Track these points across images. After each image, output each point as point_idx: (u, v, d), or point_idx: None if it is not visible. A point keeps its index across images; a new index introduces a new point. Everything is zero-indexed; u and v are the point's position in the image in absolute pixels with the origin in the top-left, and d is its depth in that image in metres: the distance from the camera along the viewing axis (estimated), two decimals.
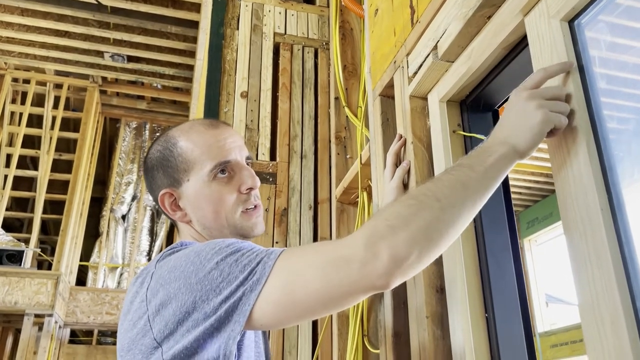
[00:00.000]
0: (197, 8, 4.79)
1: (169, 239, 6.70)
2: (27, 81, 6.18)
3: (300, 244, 1.86)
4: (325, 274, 0.66)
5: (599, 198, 0.67)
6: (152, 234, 6.69)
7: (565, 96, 0.75)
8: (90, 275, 6.23)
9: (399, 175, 1.14)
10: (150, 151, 0.97)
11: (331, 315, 1.72)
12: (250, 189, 0.93)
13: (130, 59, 5.80)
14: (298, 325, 1.80)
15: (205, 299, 0.70)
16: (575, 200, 0.71)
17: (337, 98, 2.02)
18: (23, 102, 6.15)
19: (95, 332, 6.00)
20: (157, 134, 6.96)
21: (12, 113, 6.17)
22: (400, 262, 0.64)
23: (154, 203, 6.68)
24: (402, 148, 1.18)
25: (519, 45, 0.93)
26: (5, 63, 5.98)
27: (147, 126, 7.01)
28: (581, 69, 0.76)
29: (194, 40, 5.12)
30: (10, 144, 6.12)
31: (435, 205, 0.67)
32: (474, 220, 1.03)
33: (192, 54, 5.50)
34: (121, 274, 6.31)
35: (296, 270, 0.68)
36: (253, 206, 0.94)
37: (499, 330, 0.92)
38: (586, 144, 0.71)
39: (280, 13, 2.22)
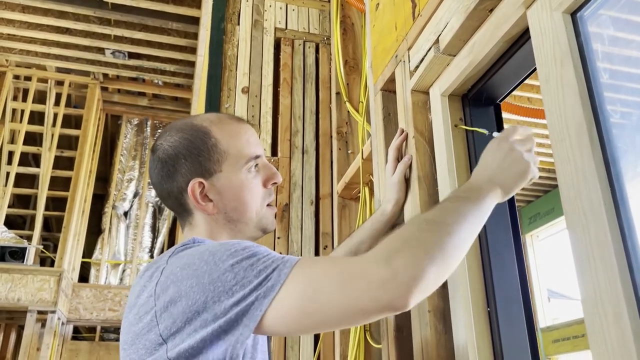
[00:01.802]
0: (197, 4, 4.78)
1: (171, 235, 6.71)
2: (28, 78, 6.18)
3: (302, 240, 1.86)
4: (343, 288, 0.66)
5: (601, 192, 0.67)
6: (154, 231, 6.70)
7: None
8: (92, 272, 6.24)
9: (401, 170, 1.13)
10: (168, 139, 0.91)
11: None
12: (275, 183, 0.95)
13: (131, 55, 5.79)
14: None
15: (216, 300, 0.69)
16: (578, 194, 0.70)
17: (338, 93, 2.01)
18: (25, 99, 6.15)
19: (98, 328, 6.02)
20: (159, 130, 6.97)
21: (14, 110, 6.17)
22: (419, 282, 0.65)
23: (156, 199, 6.76)
24: (404, 142, 1.18)
25: (521, 38, 0.93)
26: (7, 60, 5.98)
27: (149, 123, 7.01)
28: (584, 62, 0.75)
29: (195, 36, 5.12)
30: (12, 141, 6.12)
31: (446, 230, 0.72)
32: None
33: (193, 50, 5.49)
34: (123, 271, 6.32)
35: (312, 281, 0.68)
36: (272, 201, 0.96)
37: (502, 325, 0.92)
38: (589, 138, 0.70)
39: (281, 8, 2.22)
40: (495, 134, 1.05)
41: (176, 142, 0.90)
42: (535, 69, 0.98)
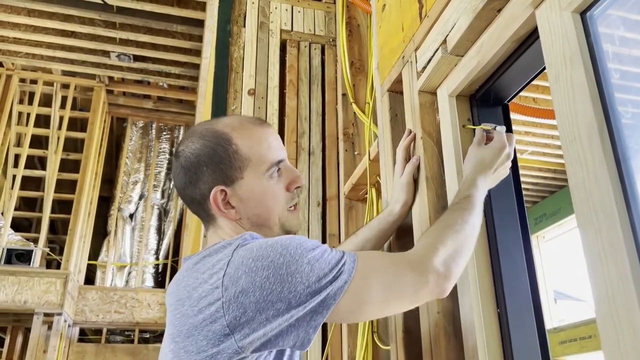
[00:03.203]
0: (202, 7, 4.79)
1: (177, 237, 6.72)
2: (34, 81, 6.21)
3: None
4: (403, 280, 0.80)
5: (613, 192, 0.67)
6: (160, 233, 6.71)
7: None
8: (98, 274, 6.26)
9: (409, 171, 1.13)
10: (190, 146, 0.91)
11: None
12: (298, 187, 0.96)
13: (137, 58, 5.81)
14: None
15: (292, 290, 0.74)
16: (589, 194, 0.70)
17: (344, 94, 2.01)
18: (30, 103, 6.18)
19: (104, 330, 6.03)
20: (164, 133, 6.99)
21: (20, 113, 6.20)
22: (457, 276, 0.85)
23: (161, 202, 6.78)
24: (412, 143, 1.18)
25: (529, 38, 0.92)
26: (13, 64, 6.01)
27: (154, 125, 7.03)
28: (594, 62, 0.75)
29: (200, 39, 5.13)
30: (19, 144, 6.15)
31: (464, 230, 0.88)
32: (485, 215, 1.03)
33: (197, 52, 5.51)
34: (129, 273, 6.34)
35: (377, 274, 0.80)
36: (296, 203, 0.97)
37: (512, 327, 0.92)
38: (600, 138, 0.70)
39: (286, 10, 2.21)
40: (499, 127, 1.04)
41: (198, 149, 0.90)
42: (543, 69, 0.97)
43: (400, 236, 1.19)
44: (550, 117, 3.80)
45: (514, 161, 1.08)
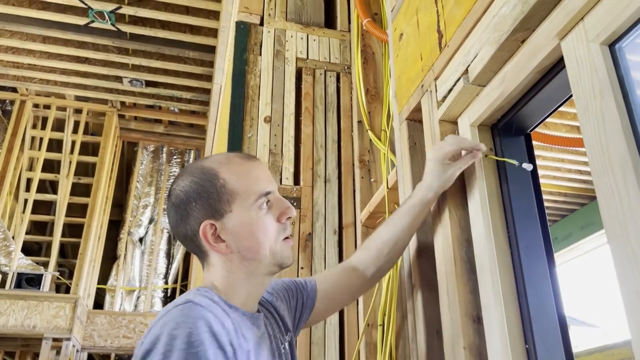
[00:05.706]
0: (214, 33, 4.86)
1: (186, 261, 6.70)
2: (47, 107, 6.29)
3: (325, 270, 1.84)
4: None
5: None
6: (169, 257, 6.70)
7: None
8: (107, 298, 6.23)
9: (460, 165, 1.10)
10: (179, 184, 0.93)
11: (359, 344, 1.68)
12: (289, 218, 0.95)
13: (148, 83, 5.89)
14: (325, 355, 1.77)
15: None
16: (624, 230, 0.68)
17: (360, 121, 2.01)
18: (43, 127, 6.26)
19: (113, 355, 5.98)
20: (175, 157, 7.03)
21: (33, 138, 6.28)
22: None
23: None
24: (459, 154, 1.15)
25: (554, 69, 0.92)
26: (27, 89, 6.10)
27: (165, 149, 7.08)
28: (625, 94, 0.74)
29: (211, 64, 5.19)
30: (31, 168, 6.21)
31: None
32: (510, 247, 1.01)
33: (209, 78, 5.57)
34: (138, 297, 6.31)
35: None
36: (289, 235, 0.95)
37: None
38: (635, 172, 0.68)
39: (302, 38, 2.23)
40: (525, 165, 1.03)
41: (187, 186, 0.92)
42: (567, 99, 0.97)
43: (421, 256, 1.17)
44: (564, 145, 3.78)
45: (539, 198, 1.05)
